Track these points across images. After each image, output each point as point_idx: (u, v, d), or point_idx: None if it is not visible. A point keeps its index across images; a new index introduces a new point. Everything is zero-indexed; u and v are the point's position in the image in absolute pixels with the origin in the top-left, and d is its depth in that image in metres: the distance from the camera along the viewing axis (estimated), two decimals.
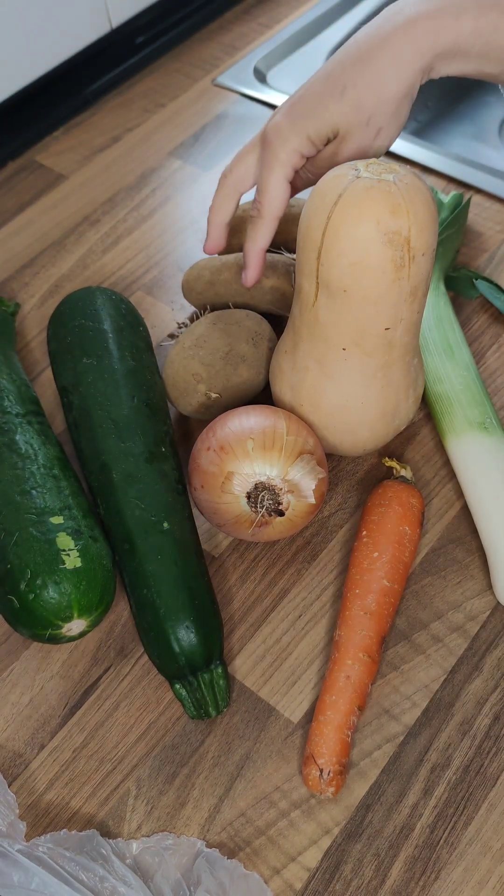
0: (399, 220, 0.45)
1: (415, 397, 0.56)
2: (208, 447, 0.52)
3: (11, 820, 0.47)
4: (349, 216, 0.46)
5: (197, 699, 0.50)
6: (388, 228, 0.45)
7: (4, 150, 0.85)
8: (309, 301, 0.50)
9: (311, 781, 0.47)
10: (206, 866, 0.45)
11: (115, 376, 0.58)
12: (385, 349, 0.51)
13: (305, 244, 0.49)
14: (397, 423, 0.56)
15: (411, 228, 0.46)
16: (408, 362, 0.53)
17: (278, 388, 0.57)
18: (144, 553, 0.51)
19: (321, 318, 0.50)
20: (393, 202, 0.45)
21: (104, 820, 0.48)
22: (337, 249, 0.47)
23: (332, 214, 0.46)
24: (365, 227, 0.46)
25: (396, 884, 0.45)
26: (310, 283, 0.50)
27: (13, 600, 0.48)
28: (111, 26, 0.90)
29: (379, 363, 0.52)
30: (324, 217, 0.47)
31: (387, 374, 0.52)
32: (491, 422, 0.57)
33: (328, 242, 0.47)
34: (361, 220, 0.46)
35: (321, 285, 0.49)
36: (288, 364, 0.55)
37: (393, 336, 0.50)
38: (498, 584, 0.53)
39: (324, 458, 0.53)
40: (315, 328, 0.51)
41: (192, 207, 0.79)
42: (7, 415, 0.57)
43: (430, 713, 0.50)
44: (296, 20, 0.95)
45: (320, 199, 0.47)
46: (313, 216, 0.48)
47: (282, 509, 0.51)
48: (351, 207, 0.46)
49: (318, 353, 0.52)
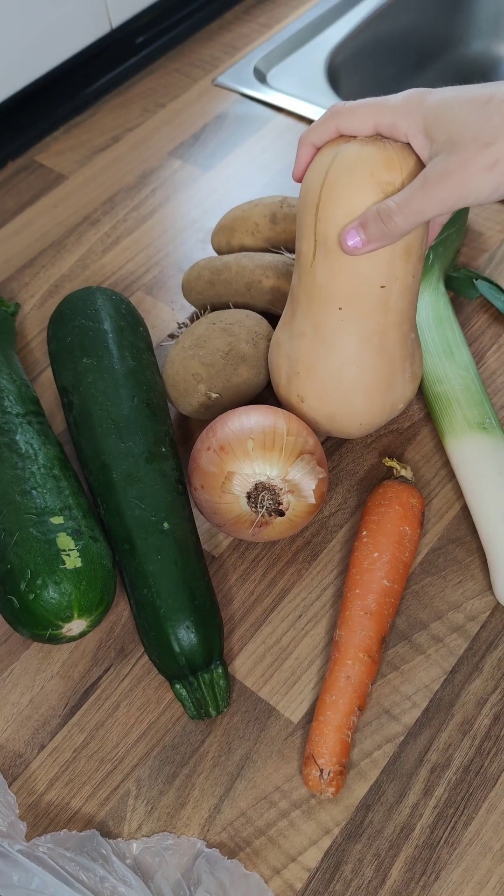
0: (392, 172, 0.47)
1: (412, 373, 0.56)
2: (208, 447, 0.52)
3: (12, 820, 0.47)
4: (345, 169, 0.48)
5: (197, 699, 0.50)
6: (381, 179, 0.47)
7: (4, 150, 0.85)
8: (307, 262, 0.51)
9: (312, 781, 0.47)
10: (206, 866, 0.45)
11: (115, 376, 0.58)
12: (381, 311, 0.52)
13: (304, 205, 0.50)
14: (393, 397, 0.56)
15: (404, 182, 0.47)
16: (404, 332, 0.54)
17: (275, 361, 0.57)
18: (144, 553, 0.51)
19: (318, 278, 0.51)
20: (387, 156, 0.47)
21: (104, 820, 0.48)
22: (333, 201, 0.48)
23: (330, 170, 0.48)
24: (360, 178, 0.47)
25: (396, 884, 0.45)
26: (308, 244, 0.51)
27: (13, 600, 0.48)
28: (111, 26, 0.90)
29: (374, 327, 0.52)
30: (321, 174, 0.49)
31: (382, 340, 0.53)
32: (490, 422, 0.57)
33: (325, 196, 0.49)
34: (356, 171, 0.47)
35: (319, 243, 0.50)
36: (285, 336, 0.56)
37: (388, 297, 0.51)
38: (498, 584, 0.53)
39: (324, 458, 0.53)
40: (312, 290, 0.52)
41: (192, 207, 0.79)
42: (7, 415, 0.57)
43: (430, 713, 0.50)
44: (296, 20, 0.95)
45: (318, 160, 0.49)
46: (312, 178, 0.50)
47: (282, 509, 0.51)
48: (347, 161, 0.48)
49: (315, 317, 0.53)
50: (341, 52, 0.93)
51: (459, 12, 1.03)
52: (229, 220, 0.69)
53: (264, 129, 0.86)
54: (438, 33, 1.03)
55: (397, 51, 1.00)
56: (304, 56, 0.92)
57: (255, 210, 0.67)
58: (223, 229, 0.69)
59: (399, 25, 0.98)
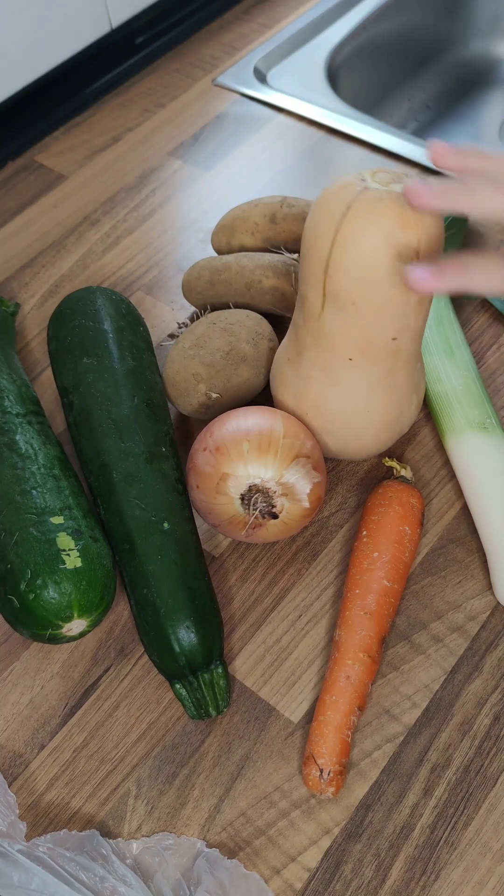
0: (409, 233, 0.45)
1: (417, 401, 0.56)
2: (205, 447, 0.52)
3: (11, 820, 0.47)
4: (359, 229, 0.45)
5: (197, 699, 0.50)
6: (397, 242, 0.45)
7: (4, 150, 0.85)
8: (315, 311, 0.50)
9: (311, 781, 0.47)
10: (206, 866, 0.45)
11: (115, 376, 0.58)
12: (391, 357, 0.51)
13: (312, 256, 0.48)
14: (401, 427, 0.56)
15: (420, 241, 0.45)
16: (411, 368, 0.53)
17: (281, 396, 0.57)
18: (144, 553, 0.51)
19: (327, 328, 0.50)
20: (402, 215, 0.45)
21: (104, 820, 0.48)
22: (346, 262, 0.46)
23: (341, 227, 0.46)
24: (375, 241, 0.45)
25: (396, 884, 0.45)
26: (316, 294, 0.49)
27: (13, 600, 0.48)
28: (111, 26, 0.90)
29: (384, 371, 0.51)
30: (332, 229, 0.46)
31: (391, 381, 0.52)
32: (490, 422, 0.57)
33: (336, 255, 0.46)
34: (371, 233, 0.45)
35: (328, 296, 0.48)
36: (291, 372, 0.55)
37: (399, 345, 0.50)
38: (498, 584, 0.53)
39: (321, 462, 0.53)
40: (321, 338, 0.51)
41: (192, 207, 0.79)
42: (7, 415, 0.57)
43: (430, 713, 0.50)
44: (296, 20, 0.95)
45: (328, 209, 0.46)
46: (321, 227, 0.47)
47: (275, 512, 0.51)
48: (360, 220, 0.45)
49: (323, 362, 0.52)
50: (341, 52, 0.93)
51: (458, 12, 1.03)
52: (229, 220, 0.69)
53: (264, 129, 0.86)
54: (438, 33, 1.03)
55: (397, 51, 1.00)
56: (304, 56, 0.92)
57: (255, 210, 0.67)
58: (223, 229, 0.69)
59: (399, 25, 0.98)
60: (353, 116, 0.84)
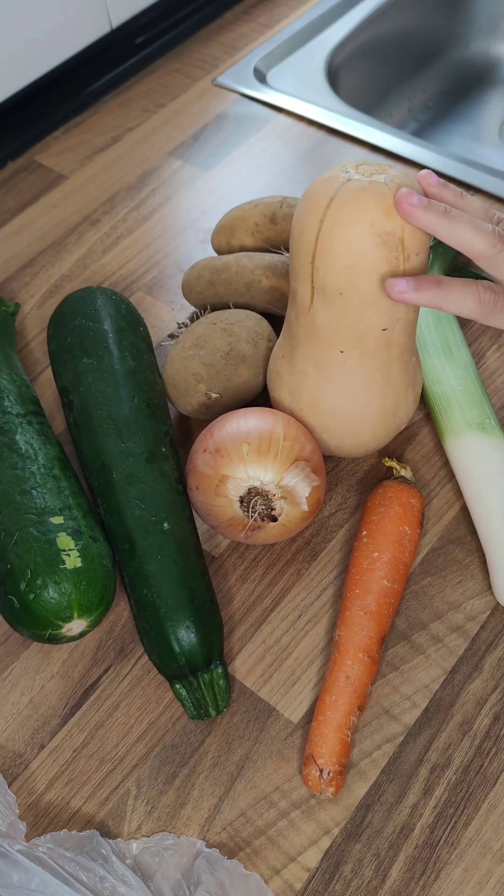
0: (392, 220, 0.45)
1: (414, 396, 0.56)
2: (205, 449, 0.52)
3: (11, 820, 0.47)
4: (342, 219, 0.46)
5: (197, 699, 0.50)
6: (381, 230, 0.45)
7: (4, 150, 0.85)
8: (305, 305, 0.50)
9: (311, 781, 0.47)
10: (206, 866, 0.45)
11: (115, 376, 0.58)
12: (383, 350, 0.51)
13: (299, 249, 0.48)
14: (398, 422, 0.56)
15: (405, 228, 0.46)
16: (406, 361, 0.53)
17: (277, 394, 0.57)
18: (144, 553, 0.51)
19: (318, 321, 0.50)
20: (385, 203, 0.45)
21: (104, 820, 0.48)
22: (331, 253, 0.47)
23: (325, 218, 0.46)
24: (359, 230, 0.45)
25: (396, 884, 0.45)
26: (305, 288, 0.49)
27: (13, 600, 0.48)
28: (111, 26, 0.90)
29: (377, 364, 0.52)
30: (316, 221, 0.46)
31: (386, 375, 0.52)
32: (490, 422, 0.57)
33: (322, 246, 0.47)
34: (355, 222, 0.45)
35: (316, 289, 0.49)
36: (286, 369, 0.55)
37: (391, 336, 0.50)
38: (497, 584, 0.53)
39: (321, 465, 0.53)
40: (312, 332, 0.51)
41: (192, 207, 0.79)
42: (7, 415, 0.57)
43: (430, 713, 0.50)
44: (296, 20, 0.95)
45: (312, 202, 0.47)
46: (306, 220, 0.47)
47: (274, 515, 0.51)
48: (343, 210, 0.46)
49: (316, 357, 0.52)
50: (341, 52, 0.93)
51: (459, 12, 1.03)
52: (229, 220, 0.69)
53: (264, 129, 0.86)
54: (438, 33, 1.03)
55: (397, 51, 1.00)
56: (303, 56, 0.92)
57: (255, 210, 0.67)
58: (223, 229, 0.69)
59: (399, 25, 0.98)
60: (352, 116, 0.84)
